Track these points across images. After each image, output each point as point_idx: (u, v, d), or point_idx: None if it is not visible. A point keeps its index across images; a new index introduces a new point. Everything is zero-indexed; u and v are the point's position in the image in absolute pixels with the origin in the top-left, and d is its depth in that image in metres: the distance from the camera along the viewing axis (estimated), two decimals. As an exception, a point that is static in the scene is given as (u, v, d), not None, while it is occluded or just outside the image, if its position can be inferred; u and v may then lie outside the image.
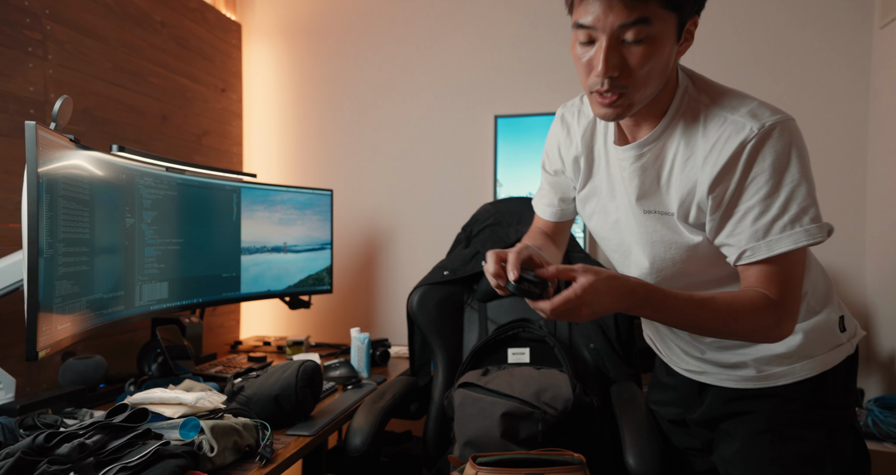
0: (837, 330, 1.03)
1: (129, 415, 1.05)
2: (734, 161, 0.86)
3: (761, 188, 0.85)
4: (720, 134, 0.87)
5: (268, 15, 2.53)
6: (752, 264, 0.89)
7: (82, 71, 1.68)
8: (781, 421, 1.02)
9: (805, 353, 1.01)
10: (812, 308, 1.02)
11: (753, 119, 0.86)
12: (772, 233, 0.86)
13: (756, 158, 0.85)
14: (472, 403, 1.33)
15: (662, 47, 0.82)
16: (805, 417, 1.01)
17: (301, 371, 1.33)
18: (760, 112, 0.87)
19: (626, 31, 0.80)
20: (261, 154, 2.55)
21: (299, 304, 2.19)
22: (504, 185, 2.26)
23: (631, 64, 0.82)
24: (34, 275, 1.12)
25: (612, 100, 0.86)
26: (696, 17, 0.87)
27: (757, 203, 0.86)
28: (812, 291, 1.02)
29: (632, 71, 0.83)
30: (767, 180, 0.85)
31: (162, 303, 1.66)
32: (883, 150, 1.90)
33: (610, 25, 0.80)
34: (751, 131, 0.85)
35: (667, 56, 0.84)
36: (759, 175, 0.85)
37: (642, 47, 0.81)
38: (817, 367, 1.01)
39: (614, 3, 0.79)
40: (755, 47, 2.06)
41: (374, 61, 2.42)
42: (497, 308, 1.72)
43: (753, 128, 0.85)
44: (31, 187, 1.12)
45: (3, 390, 1.29)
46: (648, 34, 0.81)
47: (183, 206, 1.73)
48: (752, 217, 0.86)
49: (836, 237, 2.00)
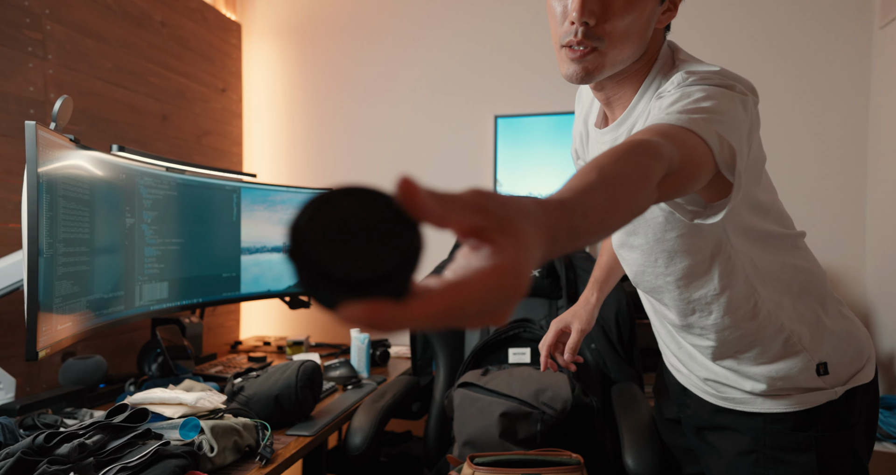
0: (814, 373, 0.93)
1: (129, 415, 1.05)
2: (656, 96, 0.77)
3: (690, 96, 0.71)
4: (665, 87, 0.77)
5: (268, 15, 2.53)
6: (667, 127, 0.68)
7: (82, 71, 1.68)
8: (766, 442, 0.95)
9: (772, 393, 0.94)
10: (779, 352, 0.93)
11: (697, 69, 0.77)
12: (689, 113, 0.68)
13: (687, 84, 0.74)
14: (472, 403, 1.33)
15: (643, 4, 0.76)
16: (793, 439, 0.94)
17: (301, 371, 1.33)
18: (715, 74, 0.76)
19: None
20: (261, 154, 2.55)
21: (299, 304, 2.19)
22: (504, 185, 2.25)
23: (612, 10, 0.75)
24: (34, 275, 1.12)
25: (584, 53, 0.77)
26: None
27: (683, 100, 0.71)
28: (794, 330, 0.93)
29: (611, 17, 0.75)
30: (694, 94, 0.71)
31: (162, 303, 1.66)
32: (883, 150, 1.90)
33: None
34: (689, 75, 0.75)
35: (648, 15, 0.77)
36: (688, 94, 0.71)
37: None
38: (785, 407, 0.94)
39: None
40: (755, 47, 2.06)
41: (374, 61, 2.42)
42: (497, 308, 1.72)
43: (694, 72, 0.76)
44: (31, 187, 1.12)
45: (3, 390, 1.29)
46: None
47: (183, 206, 1.73)
48: (670, 102, 0.71)
49: (836, 237, 2.00)
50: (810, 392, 0.93)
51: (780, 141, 2.05)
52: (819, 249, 1.10)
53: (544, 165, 2.21)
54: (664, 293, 0.95)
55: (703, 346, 0.98)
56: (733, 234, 0.87)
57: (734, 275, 0.89)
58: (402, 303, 0.28)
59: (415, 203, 0.29)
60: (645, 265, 0.94)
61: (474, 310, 0.29)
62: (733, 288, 0.90)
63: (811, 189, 2.02)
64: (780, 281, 0.93)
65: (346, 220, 0.28)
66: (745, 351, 0.94)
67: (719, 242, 0.87)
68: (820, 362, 0.93)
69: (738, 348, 0.94)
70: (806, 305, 0.94)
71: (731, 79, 0.76)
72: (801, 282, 0.94)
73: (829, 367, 0.93)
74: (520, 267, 0.31)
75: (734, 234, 0.88)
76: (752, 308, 0.91)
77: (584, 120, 1.02)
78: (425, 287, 0.30)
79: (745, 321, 0.92)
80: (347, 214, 0.28)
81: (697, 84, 0.74)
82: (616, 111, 0.89)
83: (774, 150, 2.10)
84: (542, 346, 1.16)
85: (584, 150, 1.05)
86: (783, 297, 0.93)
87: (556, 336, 1.17)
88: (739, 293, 0.90)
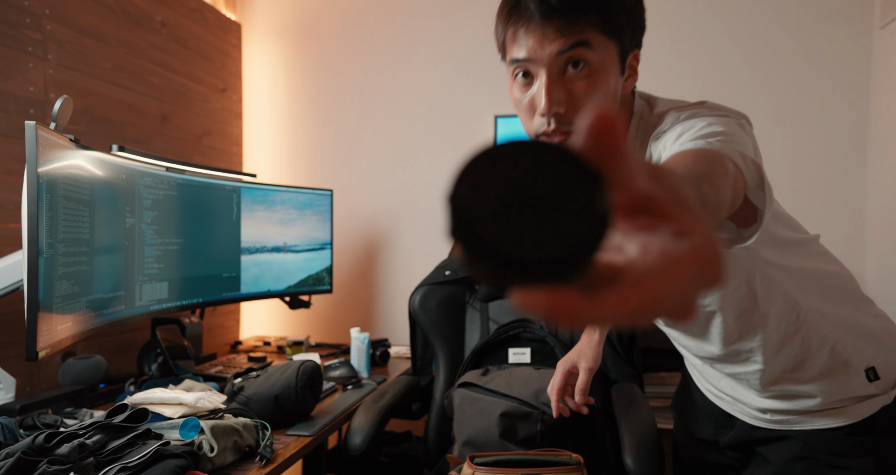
0: (864, 380, 0.91)
1: (129, 415, 1.05)
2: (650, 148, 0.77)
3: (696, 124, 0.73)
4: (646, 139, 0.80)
5: (268, 15, 2.53)
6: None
7: (82, 71, 1.68)
8: (820, 447, 0.92)
9: (829, 408, 0.92)
10: (826, 364, 0.91)
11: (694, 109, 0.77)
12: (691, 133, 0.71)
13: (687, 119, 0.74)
14: (471, 403, 1.33)
15: (608, 78, 0.75)
16: (848, 443, 0.91)
17: (301, 371, 1.33)
18: (706, 107, 0.77)
19: (567, 59, 0.74)
20: (261, 154, 2.55)
21: (299, 304, 2.19)
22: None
23: (577, 96, 0.75)
24: (34, 275, 1.12)
25: (560, 139, 0.77)
26: (638, 52, 0.80)
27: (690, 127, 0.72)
28: (837, 338, 0.92)
29: (578, 103, 0.75)
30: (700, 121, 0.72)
31: (162, 303, 1.66)
32: (883, 150, 1.90)
33: (548, 55, 0.73)
34: (670, 121, 0.76)
35: (613, 89, 0.77)
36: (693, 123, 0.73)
37: (586, 78, 0.75)
38: (846, 421, 0.91)
39: (548, 31, 0.72)
40: (755, 47, 2.06)
41: (374, 61, 2.42)
42: (499, 308, 1.72)
43: (673, 115, 0.76)
44: (31, 187, 1.12)
45: (3, 390, 1.29)
46: (590, 62, 0.74)
47: (183, 206, 1.73)
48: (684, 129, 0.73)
49: (836, 237, 2.00)
50: (865, 400, 0.91)
51: (780, 141, 2.05)
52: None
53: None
54: (706, 326, 0.93)
55: (749, 372, 0.94)
56: (763, 249, 0.86)
57: (773, 290, 0.88)
58: (591, 296, 0.23)
59: (613, 148, 0.23)
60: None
61: (671, 304, 0.24)
62: (774, 304, 0.89)
63: (811, 189, 2.02)
64: (815, 287, 0.92)
65: (518, 185, 0.22)
66: (794, 370, 0.92)
67: (753, 261, 0.87)
68: (868, 367, 0.91)
69: (785, 366, 0.92)
70: (843, 309, 0.93)
71: (721, 109, 0.77)
72: (835, 286, 0.94)
73: (879, 371, 0.91)
74: (717, 249, 0.26)
75: (764, 249, 0.86)
76: (795, 321, 0.90)
77: None
78: (612, 272, 0.25)
79: (789, 336, 0.90)
80: (519, 177, 0.22)
81: (695, 117, 0.74)
82: None
83: (774, 150, 2.10)
84: (552, 391, 1.13)
85: None
86: (822, 304, 0.91)
87: (565, 378, 1.13)
88: (780, 308, 0.89)
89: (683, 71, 2.10)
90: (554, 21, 0.72)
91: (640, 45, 0.80)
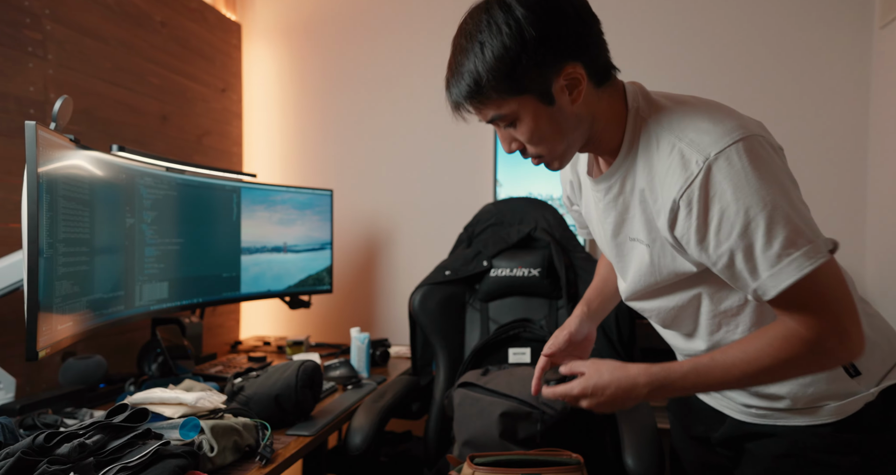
0: (845, 376, 0.90)
1: (129, 415, 1.05)
2: (688, 201, 0.78)
3: (735, 225, 0.76)
4: (670, 164, 0.81)
5: (268, 15, 2.53)
6: (772, 302, 0.79)
7: (82, 71, 1.68)
8: (807, 444, 0.92)
9: (802, 405, 0.92)
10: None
11: (697, 150, 0.78)
12: (771, 267, 0.75)
13: (711, 196, 0.77)
14: (472, 403, 1.33)
15: (536, 121, 0.83)
16: (835, 440, 0.91)
17: (301, 371, 1.33)
18: (703, 137, 0.78)
19: (495, 122, 0.86)
20: (261, 154, 2.55)
21: (299, 304, 2.19)
22: (504, 185, 2.25)
23: (520, 140, 0.87)
24: (34, 275, 1.12)
25: (538, 162, 0.90)
26: (569, 67, 0.80)
27: (736, 241, 0.76)
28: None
29: (524, 144, 0.87)
30: (736, 213, 0.75)
31: (162, 303, 1.66)
32: (883, 150, 1.90)
33: (485, 121, 0.87)
34: (696, 166, 0.77)
35: (551, 119, 0.83)
36: (725, 211, 0.76)
37: (516, 128, 0.85)
38: (824, 418, 0.91)
39: (474, 110, 0.86)
40: (755, 47, 2.06)
41: (375, 61, 2.42)
42: (499, 308, 1.72)
43: (698, 161, 0.77)
44: (31, 187, 1.12)
45: (3, 390, 1.29)
46: (513, 118, 0.84)
47: (183, 206, 1.73)
48: (741, 258, 0.77)
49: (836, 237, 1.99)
50: (847, 398, 0.90)
51: (780, 141, 2.03)
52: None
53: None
54: (691, 316, 0.94)
55: None
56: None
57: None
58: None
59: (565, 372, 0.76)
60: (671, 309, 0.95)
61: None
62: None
63: (811, 189, 2.00)
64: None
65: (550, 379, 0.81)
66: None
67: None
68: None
69: None
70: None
71: (732, 156, 0.77)
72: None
73: (860, 367, 0.90)
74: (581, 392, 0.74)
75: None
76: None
77: (573, 167, 1.06)
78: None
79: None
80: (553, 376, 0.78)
81: (715, 201, 0.77)
82: (606, 158, 0.93)
83: (774, 150, 2.10)
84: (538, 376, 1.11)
85: (577, 196, 1.09)
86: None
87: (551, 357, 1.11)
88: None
89: (684, 71, 2.09)
90: (463, 111, 0.87)
91: (571, 59, 0.81)
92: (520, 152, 0.89)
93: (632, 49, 2.09)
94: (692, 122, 0.81)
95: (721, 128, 0.79)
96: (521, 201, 1.89)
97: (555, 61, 0.80)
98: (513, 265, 1.69)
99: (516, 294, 1.71)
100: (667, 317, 0.97)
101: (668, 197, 0.81)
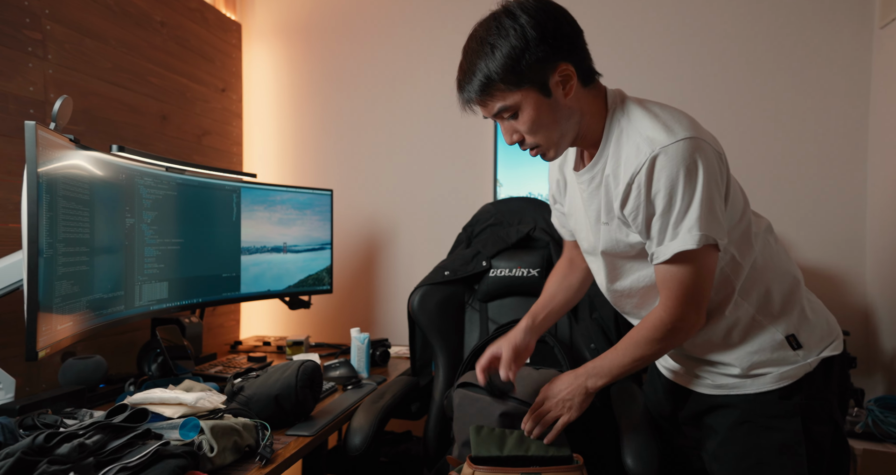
0: (787, 348, 1.06)
1: (129, 415, 1.05)
2: (637, 184, 0.96)
3: (660, 204, 0.96)
4: (628, 152, 0.98)
5: (268, 15, 2.53)
6: (657, 266, 1.01)
7: (82, 71, 1.68)
8: (756, 411, 1.06)
9: (750, 371, 1.07)
10: (757, 322, 1.07)
11: (650, 143, 0.94)
12: (665, 240, 0.97)
13: (651, 179, 0.95)
14: (471, 403, 1.33)
15: (536, 110, 0.97)
16: (779, 407, 1.05)
17: (301, 371, 1.33)
18: (659, 134, 0.94)
19: (500, 115, 1.00)
20: (261, 154, 2.55)
21: (299, 304, 2.19)
22: (504, 185, 2.26)
23: (520, 131, 1.01)
24: (34, 275, 1.12)
25: (536, 153, 1.04)
26: (562, 66, 0.95)
27: (658, 217, 0.97)
28: (762, 301, 1.07)
29: (524, 135, 1.01)
30: (663, 197, 0.95)
31: (162, 303, 1.66)
32: (883, 150, 1.90)
33: (490, 115, 1.02)
34: (645, 156, 0.94)
35: (548, 109, 0.97)
36: (657, 193, 0.95)
37: (517, 119, 0.99)
38: (770, 384, 1.06)
39: (481, 106, 1.00)
40: (755, 47, 2.06)
41: (374, 61, 2.42)
42: (498, 308, 1.72)
43: (647, 152, 0.94)
44: (31, 187, 1.12)
45: (3, 390, 1.29)
46: (516, 109, 0.98)
47: (183, 206, 1.73)
48: (657, 228, 0.98)
49: (835, 237, 2.00)
50: (787, 366, 1.05)
51: (780, 141, 2.05)
52: (819, 249, 1.11)
53: (544, 165, 2.21)
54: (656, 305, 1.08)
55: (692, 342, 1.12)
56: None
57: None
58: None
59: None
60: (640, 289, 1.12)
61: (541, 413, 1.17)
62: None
63: (811, 189, 2.02)
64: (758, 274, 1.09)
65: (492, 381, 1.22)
66: (727, 336, 1.09)
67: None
68: (788, 335, 1.06)
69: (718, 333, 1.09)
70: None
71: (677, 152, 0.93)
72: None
73: (801, 341, 1.06)
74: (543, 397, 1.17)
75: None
76: (729, 293, 1.06)
77: (560, 168, 1.21)
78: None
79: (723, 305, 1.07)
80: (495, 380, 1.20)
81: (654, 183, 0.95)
82: (590, 151, 1.08)
83: (774, 149, 2.10)
84: (479, 373, 1.26)
85: (562, 195, 1.23)
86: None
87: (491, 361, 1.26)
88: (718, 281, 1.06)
89: (683, 71, 2.09)
90: (473, 106, 1.02)
91: (564, 58, 0.96)
92: (518, 145, 1.03)
93: (631, 49, 2.09)
94: (653, 122, 0.97)
95: (673, 129, 0.95)
96: (520, 201, 1.89)
97: (551, 58, 0.95)
98: (512, 265, 1.69)
99: (515, 294, 1.71)
100: (638, 301, 1.13)
101: (624, 180, 0.98)
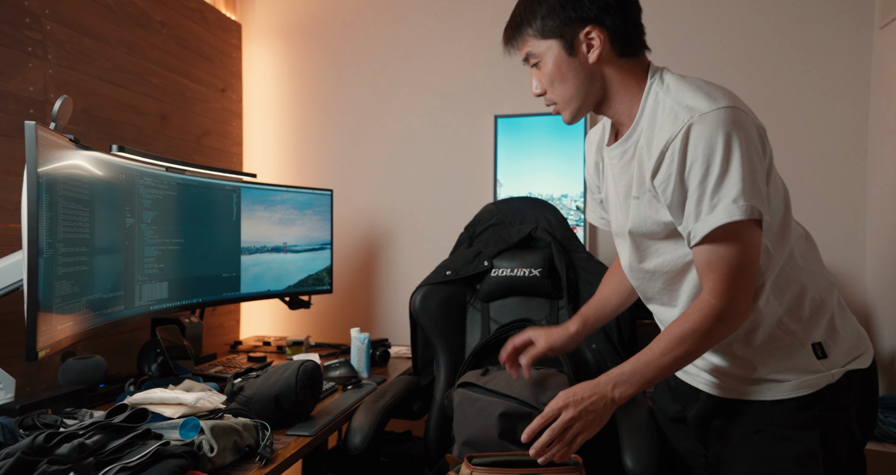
0: (812, 356, 1.00)
1: (129, 415, 1.05)
2: (671, 152, 0.91)
3: (696, 174, 0.90)
4: (664, 121, 0.94)
5: (268, 15, 2.53)
6: (696, 247, 0.93)
7: (82, 71, 1.68)
8: (772, 420, 1.02)
9: (768, 375, 1.02)
10: (784, 324, 1.01)
11: (689, 110, 0.91)
12: (702, 214, 0.90)
13: (687, 148, 0.90)
14: (471, 403, 1.33)
15: (556, 65, 1.00)
16: (797, 417, 1.00)
17: (301, 371, 1.33)
18: (700, 102, 0.91)
19: (527, 60, 1.05)
20: (261, 154, 2.55)
21: (299, 304, 2.19)
22: (504, 185, 2.26)
23: (542, 83, 1.05)
24: (34, 275, 1.12)
25: (556, 112, 1.06)
26: (591, 28, 0.97)
27: (695, 189, 0.90)
28: (794, 303, 1.01)
29: (548, 86, 1.04)
30: (700, 166, 0.89)
31: (162, 303, 1.66)
32: (883, 150, 1.90)
33: (522, 57, 1.06)
34: (682, 123, 0.90)
35: (567, 68, 1.00)
36: (694, 162, 0.89)
37: (539, 68, 1.04)
38: (788, 392, 1.00)
39: (515, 49, 1.06)
40: (755, 47, 2.06)
41: (375, 61, 2.42)
42: (500, 308, 1.72)
43: (685, 119, 0.90)
44: (31, 187, 1.12)
45: (3, 390, 1.29)
46: (539, 58, 1.02)
47: (183, 206, 1.73)
48: (693, 201, 0.91)
49: (836, 237, 2.00)
50: (809, 375, 1.00)
51: (780, 140, 2.04)
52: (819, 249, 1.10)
53: (544, 165, 2.21)
54: (678, 283, 1.05)
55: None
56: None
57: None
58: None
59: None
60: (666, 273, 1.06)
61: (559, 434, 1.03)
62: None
63: (811, 189, 2.02)
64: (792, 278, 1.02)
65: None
66: (748, 336, 1.02)
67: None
68: (815, 342, 1.01)
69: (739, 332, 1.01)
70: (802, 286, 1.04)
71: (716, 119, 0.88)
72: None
73: (827, 351, 1.01)
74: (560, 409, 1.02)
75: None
76: (760, 287, 0.99)
77: (598, 150, 1.17)
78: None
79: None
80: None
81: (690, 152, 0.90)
82: (625, 124, 1.05)
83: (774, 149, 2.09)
84: (507, 346, 1.27)
85: (600, 177, 1.19)
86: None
87: (525, 342, 1.26)
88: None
89: (683, 71, 2.09)
90: (509, 45, 1.06)
91: (593, 23, 0.97)
92: (544, 98, 1.06)
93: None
94: (692, 92, 0.94)
95: (713, 98, 0.91)
96: (521, 201, 1.89)
97: (581, 19, 0.97)
98: (514, 265, 1.69)
99: (517, 294, 1.71)
100: (664, 285, 1.07)
101: (658, 148, 0.93)
